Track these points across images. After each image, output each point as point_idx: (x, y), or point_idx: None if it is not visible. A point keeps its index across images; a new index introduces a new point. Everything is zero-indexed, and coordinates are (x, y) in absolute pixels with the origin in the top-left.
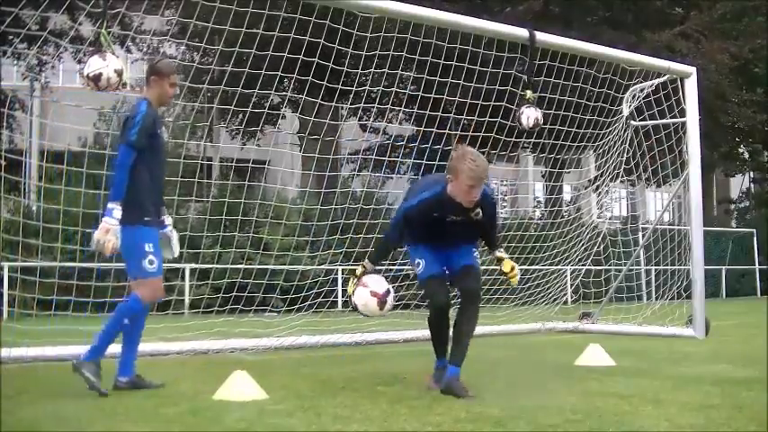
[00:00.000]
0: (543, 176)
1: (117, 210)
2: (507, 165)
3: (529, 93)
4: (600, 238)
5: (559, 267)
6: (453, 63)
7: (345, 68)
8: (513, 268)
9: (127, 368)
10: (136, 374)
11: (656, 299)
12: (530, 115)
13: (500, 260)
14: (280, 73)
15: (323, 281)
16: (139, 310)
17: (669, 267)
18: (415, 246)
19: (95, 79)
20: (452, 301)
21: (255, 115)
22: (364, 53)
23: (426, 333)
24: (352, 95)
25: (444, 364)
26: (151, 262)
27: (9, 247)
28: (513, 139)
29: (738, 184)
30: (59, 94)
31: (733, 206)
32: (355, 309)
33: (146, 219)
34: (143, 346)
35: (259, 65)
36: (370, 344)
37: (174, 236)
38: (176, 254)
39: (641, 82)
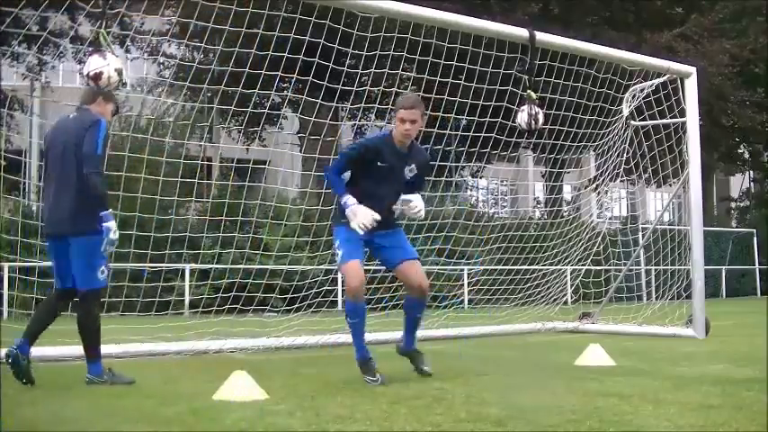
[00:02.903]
0: (543, 176)
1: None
2: (507, 165)
3: (532, 92)
4: (600, 238)
5: (559, 267)
6: (453, 63)
7: (346, 69)
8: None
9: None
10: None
11: (656, 299)
12: (542, 114)
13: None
14: (280, 73)
15: (323, 281)
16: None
17: (669, 267)
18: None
19: (96, 78)
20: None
21: (256, 115)
22: (364, 53)
23: (424, 333)
24: (352, 96)
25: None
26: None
27: (9, 247)
28: (513, 140)
29: (738, 183)
30: (59, 94)
31: (733, 204)
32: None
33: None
34: (143, 346)
35: (259, 65)
36: (370, 344)
37: None
38: None
39: (641, 82)
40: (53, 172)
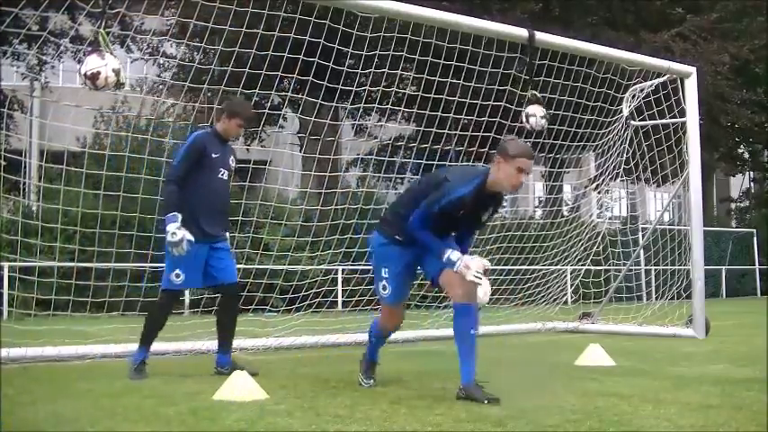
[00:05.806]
0: (543, 176)
1: None
2: None
3: (533, 91)
4: (600, 238)
5: (559, 267)
6: (453, 63)
7: (345, 68)
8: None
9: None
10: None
11: (656, 299)
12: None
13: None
14: (280, 73)
15: (322, 281)
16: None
17: (669, 267)
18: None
19: (93, 78)
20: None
21: (256, 115)
22: (364, 53)
23: (425, 333)
24: (352, 96)
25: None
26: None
27: (9, 246)
28: None
29: (738, 183)
30: (59, 94)
31: (733, 205)
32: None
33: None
34: None
35: (259, 65)
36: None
37: None
38: None
39: (641, 82)
40: None
